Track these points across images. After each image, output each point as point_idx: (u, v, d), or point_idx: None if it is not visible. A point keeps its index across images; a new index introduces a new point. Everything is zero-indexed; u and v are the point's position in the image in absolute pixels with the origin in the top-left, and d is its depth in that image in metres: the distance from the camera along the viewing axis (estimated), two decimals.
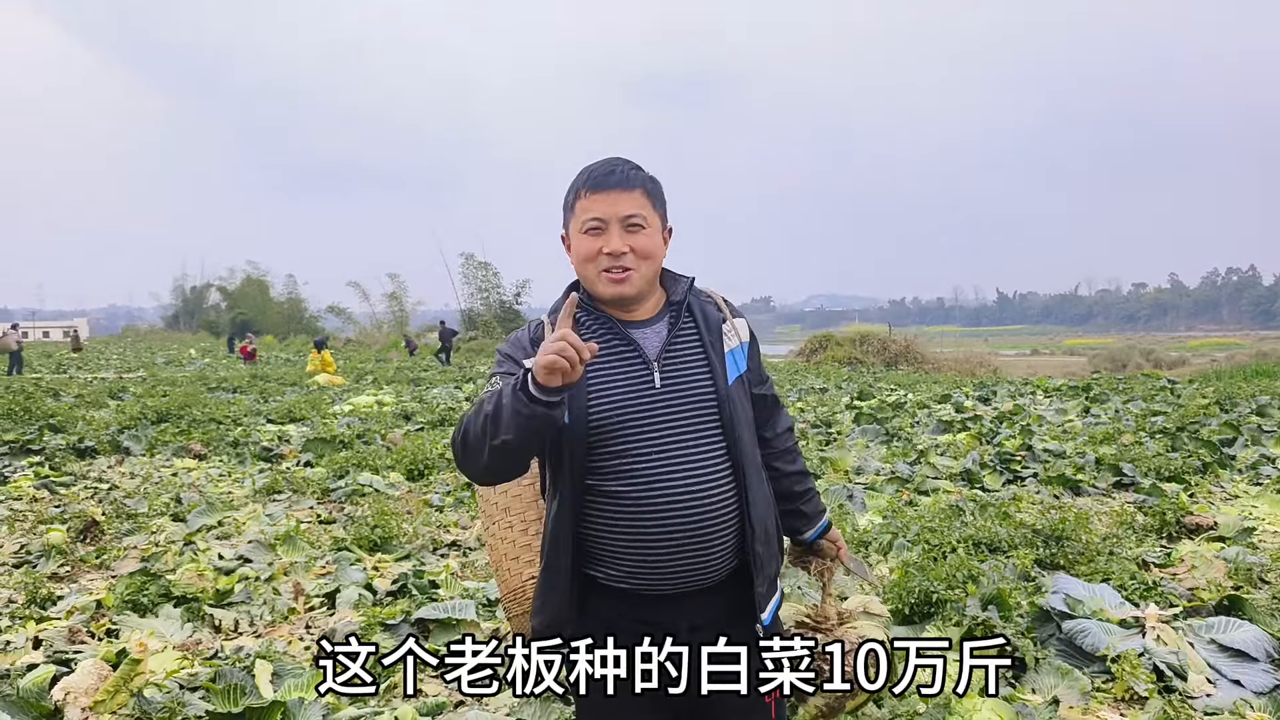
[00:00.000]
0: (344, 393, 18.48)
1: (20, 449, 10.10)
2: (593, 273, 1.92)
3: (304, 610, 4.98)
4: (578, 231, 1.92)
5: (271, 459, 10.22)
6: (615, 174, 1.91)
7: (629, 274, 1.90)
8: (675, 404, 1.90)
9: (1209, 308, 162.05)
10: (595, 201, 1.89)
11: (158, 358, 37.41)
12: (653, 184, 1.96)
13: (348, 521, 7.05)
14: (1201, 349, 47.42)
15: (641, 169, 1.97)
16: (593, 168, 1.94)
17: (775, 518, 2.07)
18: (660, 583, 1.91)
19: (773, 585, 2.03)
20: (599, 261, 1.89)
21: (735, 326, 2.05)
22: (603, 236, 1.89)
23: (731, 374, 1.96)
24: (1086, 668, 3.91)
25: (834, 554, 2.28)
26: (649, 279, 1.95)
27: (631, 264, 1.89)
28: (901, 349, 32.11)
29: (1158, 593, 4.77)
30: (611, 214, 1.88)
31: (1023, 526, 5.84)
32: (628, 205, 1.89)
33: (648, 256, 1.92)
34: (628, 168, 1.94)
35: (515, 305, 49.36)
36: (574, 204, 1.94)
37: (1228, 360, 31.05)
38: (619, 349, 1.93)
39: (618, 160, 1.95)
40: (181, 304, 78.06)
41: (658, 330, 1.96)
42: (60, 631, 4.45)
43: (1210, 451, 9.24)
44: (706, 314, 2.01)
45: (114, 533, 6.66)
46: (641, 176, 1.94)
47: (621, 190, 1.89)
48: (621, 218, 1.89)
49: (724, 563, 1.94)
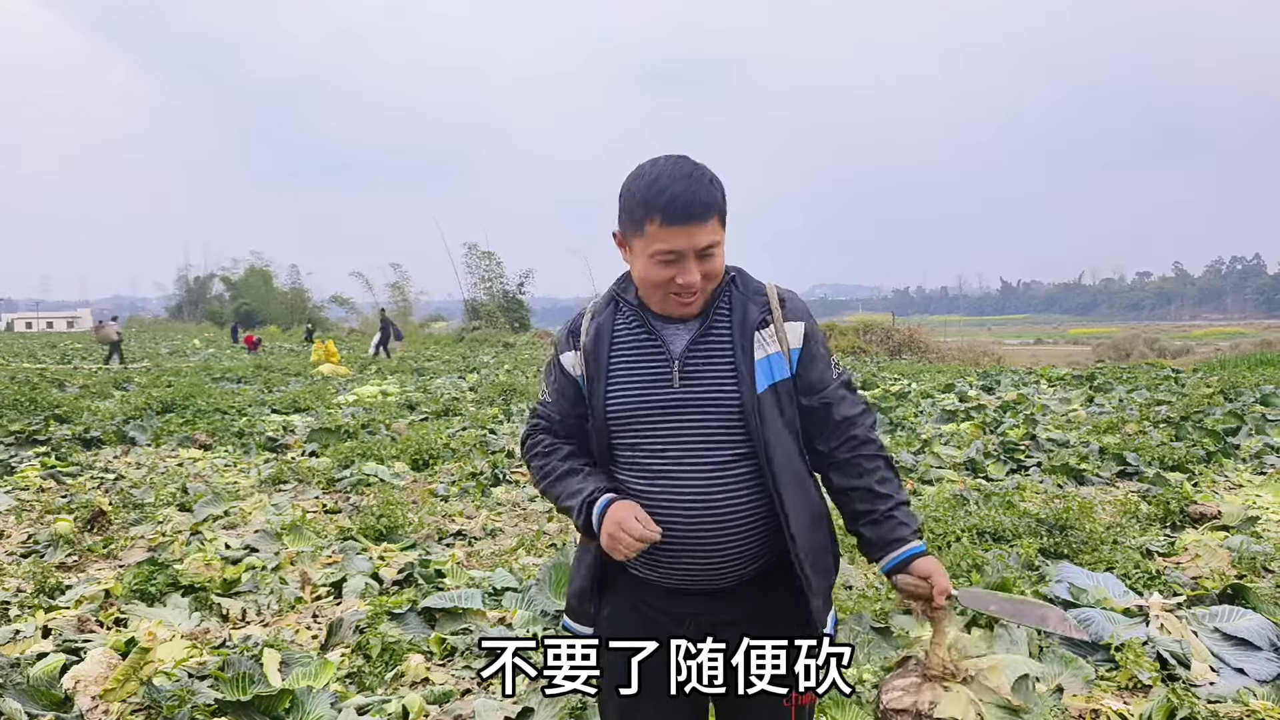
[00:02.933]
0: (348, 382, 18.52)
1: (26, 439, 10.14)
2: (659, 296, 1.87)
3: (311, 599, 5.01)
4: (646, 255, 1.82)
5: (277, 449, 10.25)
6: (695, 204, 1.78)
7: (697, 299, 1.87)
8: (693, 406, 1.86)
9: (1213, 296, 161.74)
10: (673, 234, 1.78)
11: (162, 348, 37.44)
12: (723, 200, 1.85)
13: (353, 511, 7.08)
14: (1206, 338, 47.32)
15: (713, 182, 1.83)
16: (671, 192, 1.77)
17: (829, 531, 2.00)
18: (670, 577, 1.92)
19: (826, 601, 1.97)
20: (670, 287, 1.84)
21: (784, 331, 1.91)
22: (676, 266, 1.81)
23: (762, 382, 1.86)
24: (1090, 656, 3.93)
25: (923, 593, 1.90)
26: (710, 293, 1.90)
27: (701, 287, 1.85)
28: (905, 338, 32.08)
29: (1161, 582, 4.79)
30: (689, 247, 1.79)
31: (1027, 516, 5.86)
32: (704, 237, 1.80)
33: (716, 277, 1.88)
34: (705, 194, 1.79)
35: (519, 295, 49.31)
36: (644, 225, 1.80)
37: (1232, 349, 30.98)
38: (646, 344, 1.92)
39: (695, 182, 1.79)
40: (185, 294, 78.22)
41: (690, 328, 1.91)
42: (69, 620, 4.47)
43: (1214, 441, 9.24)
44: (746, 314, 1.91)
45: (121, 522, 6.70)
46: (717, 198, 1.82)
47: (699, 223, 1.78)
48: (699, 249, 1.80)
49: (742, 568, 1.91)
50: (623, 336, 1.94)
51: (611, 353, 1.93)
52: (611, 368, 1.91)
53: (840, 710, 3.49)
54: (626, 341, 1.93)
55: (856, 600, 4.62)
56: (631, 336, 1.92)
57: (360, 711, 3.54)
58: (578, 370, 1.97)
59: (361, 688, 3.87)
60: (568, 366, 1.99)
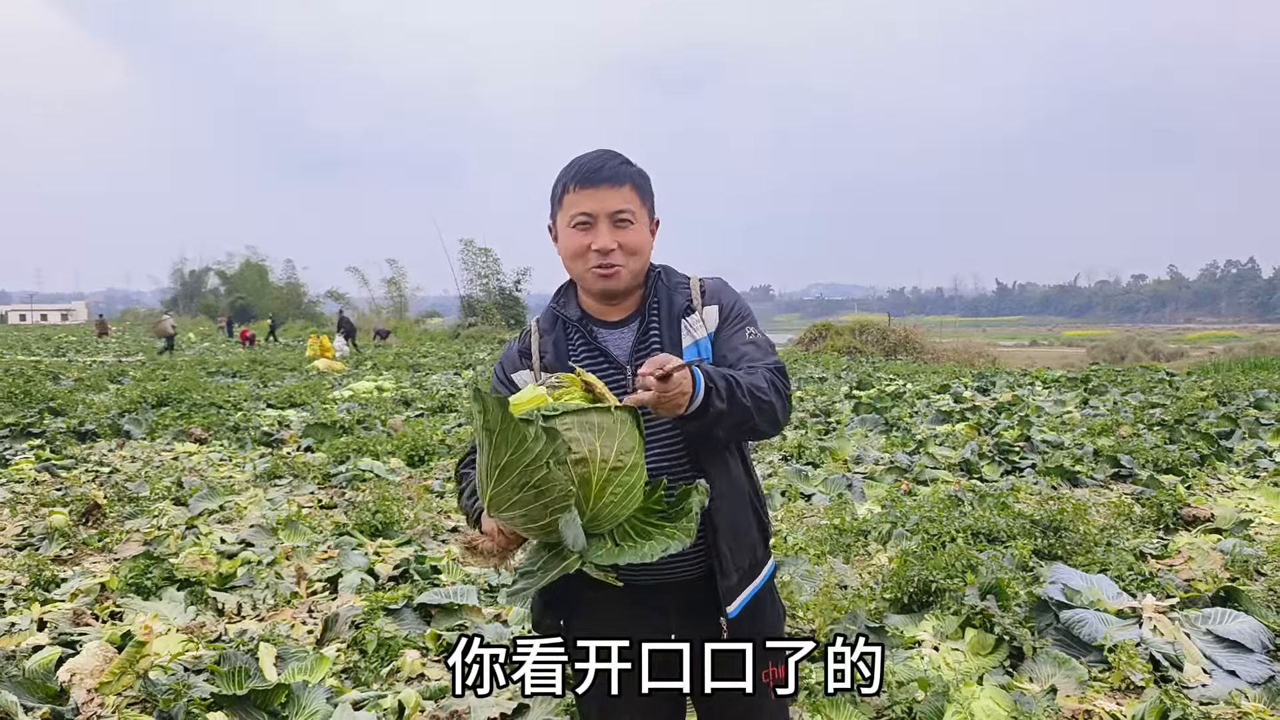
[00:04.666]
0: (344, 378, 18.50)
1: (21, 432, 10.12)
2: (581, 268, 1.93)
3: (306, 594, 5.01)
4: (565, 225, 1.92)
5: (272, 444, 10.24)
6: (605, 169, 1.89)
7: (617, 270, 1.91)
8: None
9: (1208, 300, 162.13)
10: (584, 197, 1.88)
11: (157, 342, 37.34)
12: (641, 178, 1.94)
13: (349, 507, 7.08)
14: (1200, 341, 47.46)
15: (630, 163, 1.94)
16: (581, 161, 1.91)
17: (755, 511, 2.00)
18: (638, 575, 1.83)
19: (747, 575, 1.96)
20: (588, 258, 1.90)
21: (705, 315, 1.98)
22: (591, 232, 1.89)
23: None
24: (1084, 657, 3.95)
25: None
26: (636, 274, 1.95)
27: (620, 260, 1.90)
28: (900, 339, 32.15)
29: (1155, 584, 4.81)
30: (600, 210, 1.87)
31: (1021, 517, 5.87)
32: (616, 201, 1.88)
33: (635, 252, 1.92)
34: (617, 162, 1.91)
35: (515, 292, 49.25)
36: (562, 197, 1.92)
37: (1226, 353, 31.11)
38: (594, 359, 1.96)
39: (607, 154, 1.92)
40: (180, 288, 77.94)
41: (629, 332, 1.97)
42: (65, 614, 4.48)
43: (1208, 444, 9.27)
44: (673, 306, 1.97)
45: (116, 516, 6.69)
46: (630, 171, 1.92)
47: (610, 186, 1.88)
48: (610, 213, 1.88)
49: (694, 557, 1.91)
50: (578, 352, 1.98)
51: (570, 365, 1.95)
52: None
53: (835, 710, 3.51)
54: (581, 354, 1.97)
55: (851, 599, 4.63)
56: (585, 351, 1.97)
57: (356, 707, 3.55)
58: None
59: (357, 683, 3.87)
60: (519, 384, 1.98)
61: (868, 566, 5.40)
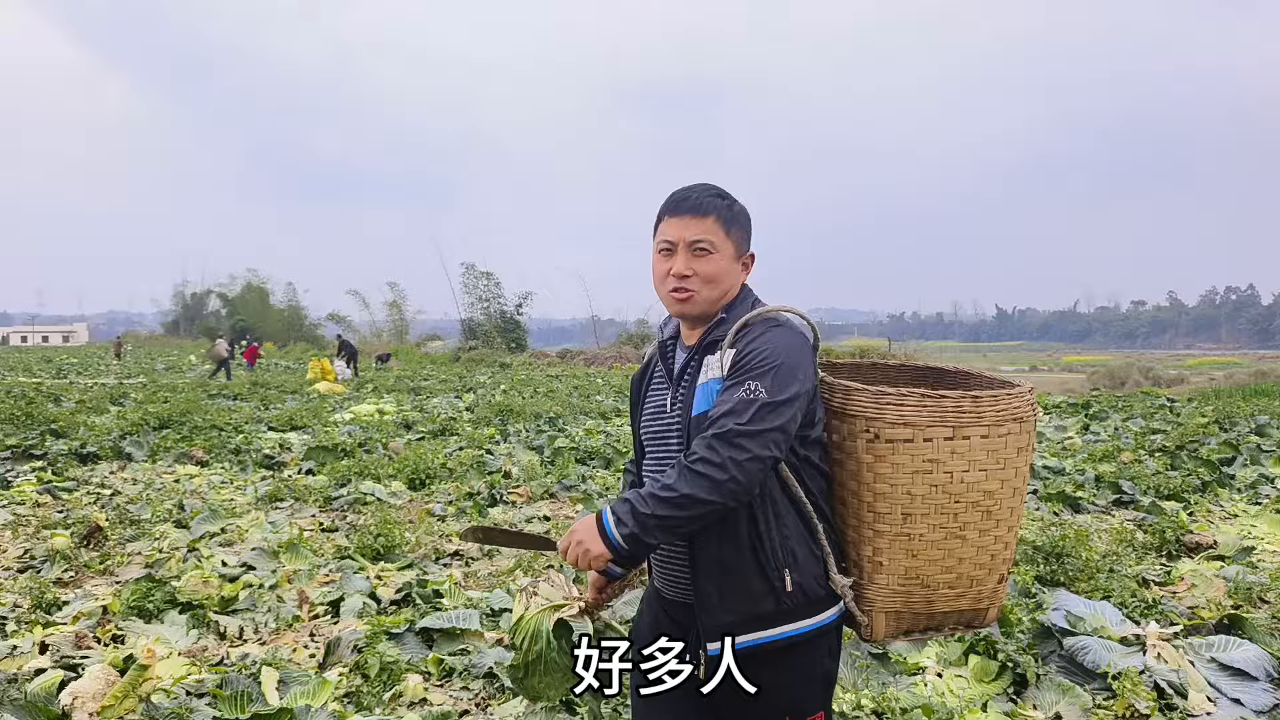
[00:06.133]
0: (345, 401, 18.51)
1: (23, 454, 10.13)
2: (662, 291, 2.04)
3: (308, 618, 5.00)
4: (654, 251, 2.05)
5: (273, 466, 10.24)
6: (690, 199, 1.99)
7: (691, 295, 1.99)
8: (669, 426, 2.04)
9: (1208, 326, 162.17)
10: (670, 224, 2.00)
11: (158, 364, 37.41)
12: (730, 212, 2.00)
13: (350, 530, 7.07)
14: (1200, 367, 47.42)
15: (723, 197, 2.02)
16: (675, 192, 2.03)
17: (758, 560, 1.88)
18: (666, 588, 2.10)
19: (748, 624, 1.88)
20: (667, 282, 2.00)
21: (723, 360, 1.91)
22: (672, 259, 1.99)
23: (699, 405, 1.93)
24: (1087, 685, 3.94)
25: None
26: (713, 301, 2.01)
27: (695, 286, 1.98)
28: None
29: (1158, 611, 4.80)
30: (681, 237, 1.98)
31: (1023, 543, 5.87)
32: (697, 230, 1.97)
33: (711, 281, 1.99)
34: (705, 194, 2.00)
35: (516, 316, 49.35)
36: (657, 225, 2.05)
37: (1226, 379, 31.09)
38: (658, 374, 2.14)
39: (698, 186, 2.02)
40: (181, 310, 78.21)
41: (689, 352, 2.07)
42: (67, 637, 4.46)
43: (1209, 470, 9.27)
44: (714, 340, 1.99)
45: (117, 539, 6.68)
46: (719, 205, 1.99)
47: (693, 216, 1.98)
48: (690, 242, 1.97)
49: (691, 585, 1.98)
50: (655, 368, 2.16)
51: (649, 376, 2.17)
52: (645, 395, 2.15)
53: None
54: (656, 372, 2.15)
55: None
56: (659, 366, 2.14)
57: None
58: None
59: (359, 707, 3.86)
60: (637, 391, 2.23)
61: None
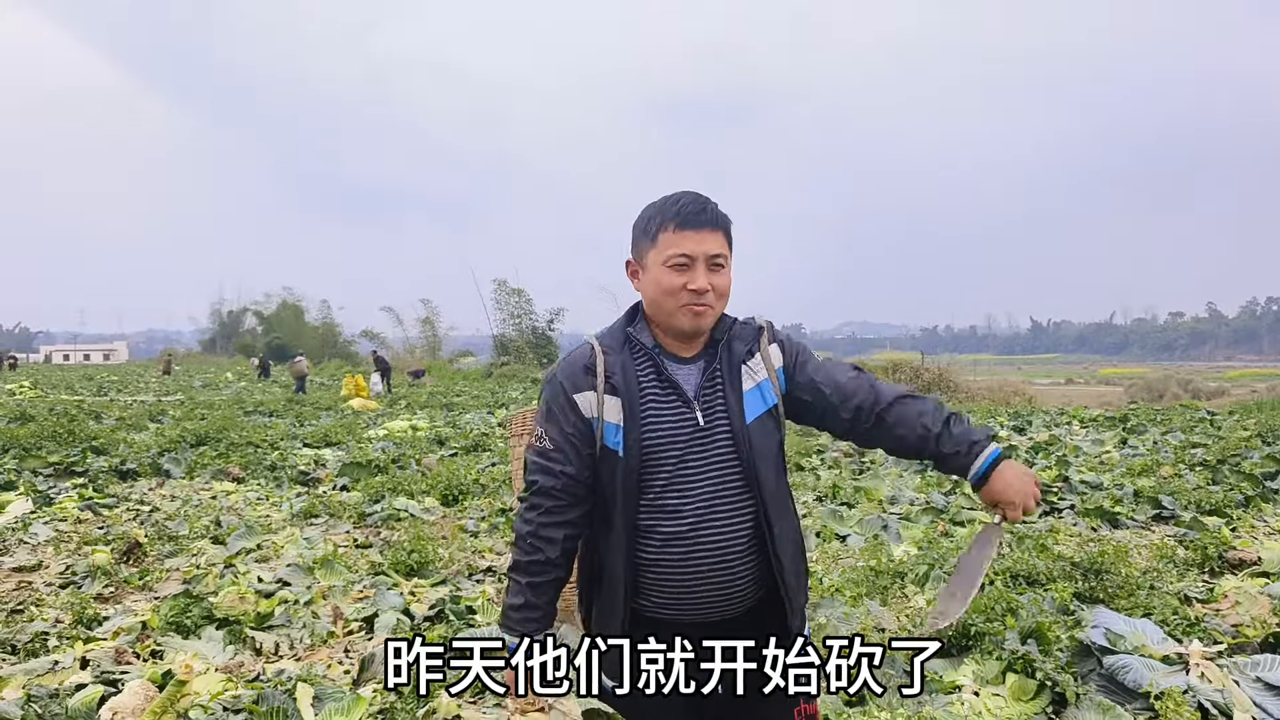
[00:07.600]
0: (378, 417, 18.66)
1: (65, 470, 10.31)
2: (673, 305, 1.97)
3: (343, 634, 5.04)
4: (660, 263, 1.97)
5: (308, 483, 10.34)
6: (706, 213, 1.97)
7: (707, 309, 1.98)
8: (711, 442, 1.98)
9: (1248, 337, 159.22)
10: (684, 239, 1.95)
11: (195, 381, 37.95)
12: (730, 224, 2.03)
13: (384, 546, 7.12)
14: (1241, 379, 46.60)
15: (720, 208, 2.03)
16: (681, 203, 1.97)
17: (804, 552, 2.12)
18: (693, 611, 2.01)
19: (802, 617, 2.10)
20: (681, 296, 1.95)
21: (767, 355, 2.06)
22: (688, 273, 1.95)
23: (751, 412, 2.00)
24: (1129, 704, 3.86)
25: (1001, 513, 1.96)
26: (719, 315, 2.04)
27: (711, 301, 1.98)
28: (934, 377, 31.85)
29: (1201, 629, 4.70)
30: (700, 252, 1.95)
31: (1061, 559, 5.79)
32: (714, 244, 1.97)
33: (724, 295, 2.01)
34: (715, 207, 2.00)
35: (548, 332, 49.57)
36: (657, 235, 1.97)
37: (1269, 391, 30.49)
38: (663, 389, 2.00)
39: (703, 198, 2.01)
40: (218, 328, 79.38)
41: (696, 369, 2.04)
42: (107, 652, 4.53)
43: (1252, 485, 9.09)
44: (733, 351, 2.04)
45: (156, 554, 6.78)
46: (725, 217, 2.01)
47: (710, 230, 1.97)
48: (709, 256, 1.96)
49: (750, 593, 2.04)
50: (645, 376, 2.00)
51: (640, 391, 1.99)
52: (643, 406, 1.98)
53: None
54: (649, 382, 2.00)
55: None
56: (652, 376, 2.00)
57: None
58: (591, 411, 1.98)
59: None
60: (582, 406, 1.98)
61: (905, 609, 5.34)
